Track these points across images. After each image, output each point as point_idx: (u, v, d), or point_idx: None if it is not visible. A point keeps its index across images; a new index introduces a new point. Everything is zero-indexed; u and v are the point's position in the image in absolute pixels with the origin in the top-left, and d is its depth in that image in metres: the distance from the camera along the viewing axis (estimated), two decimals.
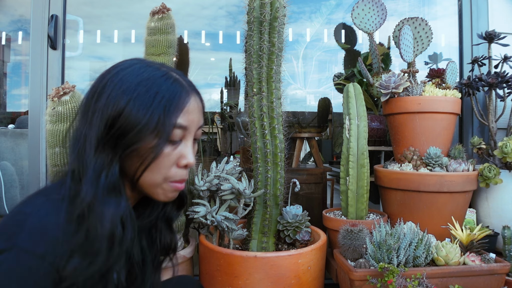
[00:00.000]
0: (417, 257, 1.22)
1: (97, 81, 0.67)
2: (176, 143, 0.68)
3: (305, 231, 1.42)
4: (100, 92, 0.65)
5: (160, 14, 1.43)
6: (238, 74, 3.10)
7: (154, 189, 0.69)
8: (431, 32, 1.86)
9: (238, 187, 1.34)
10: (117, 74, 0.66)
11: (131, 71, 0.66)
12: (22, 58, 2.75)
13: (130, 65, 0.68)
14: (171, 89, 0.66)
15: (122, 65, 0.69)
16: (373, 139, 2.02)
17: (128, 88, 0.64)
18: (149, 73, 0.67)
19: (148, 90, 0.64)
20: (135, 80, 0.65)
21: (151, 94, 0.64)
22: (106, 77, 0.66)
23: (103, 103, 0.64)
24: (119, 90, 0.64)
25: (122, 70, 0.67)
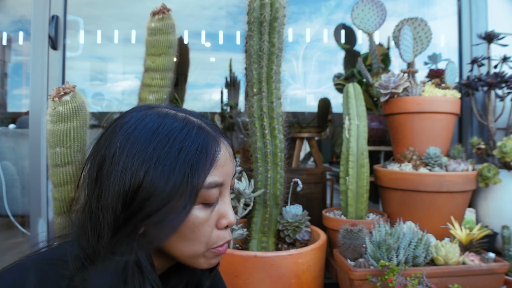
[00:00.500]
0: (416, 256, 1.22)
1: (102, 145, 0.55)
2: (214, 204, 0.57)
3: (305, 231, 1.43)
4: (110, 163, 0.52)
5: (160, 15, 1.44)
6: (238, 74, 3.10)
7: (196, 259, 0.58)
8: (431, 32, 1.87)
9: (238, 187, 1.34)
10: (127, 136, 0.53)
11: (143, 129, 0.53)
12: (23, 58, 2.75)
13: (139, 119, 0.55)
14: (196, 143, 0.54)
15: (129, 121, 0.55)
16: (372, 139, 2.02)
17: (143, 153, 0.51)
18: (167, 127, 0.54)
19: (169, 151, 0.52)
20: (152, 140, 0.52)
21: (173, 155, 0.52)
22: (114, 141, 0.54)
23: (117, 178, 0.51)
24: (133, 159, 0.51)
25: (132, 130, 0.54)
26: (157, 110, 0.57)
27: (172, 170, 0.51)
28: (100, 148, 0.55)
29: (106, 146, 0.54)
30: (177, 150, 0.52)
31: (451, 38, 2.12)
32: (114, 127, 0.56)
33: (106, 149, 0.54)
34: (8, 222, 2.04)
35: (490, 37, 1.76)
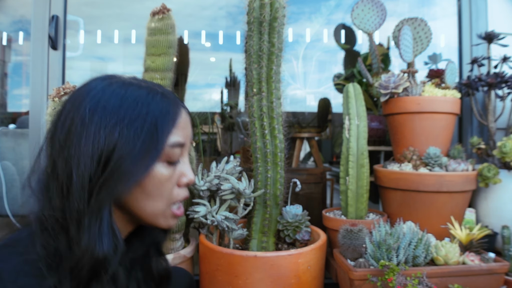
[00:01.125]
0: (416, 256, 1.22)
1: (70, 110, 0.58)
2: (176, 163, 0.63)
3: (305, 231, 1.42)
4: (81, 125, 0.55)
5: (160, 15, 1.44)
6: (238, 74, 3.10)
7: (157, 218, 0.63)
8: (431, 32, 1.87)
9: (238, 187, 1.35)
10: (97, 101, 0.57)
11: (112, 94, 0.58)
12: (23, 58, 2.75)
13: (106, 86, 0.59)
14: (161, 106, 0.60)
15: (96, 87, 0.59)
16: (372, 139, 2.02)
17: (116, 116, 0.56)
18: (133, 93, 0.59)
19: (139, 114, 0.57)
20: (121, 104, 0.57)
21: (142, 117, 0.57)
22: (83, 105, 0.57)
23: (90, 138, 0.54)
24: (106, 121, 0.55)
25: (100, 94, 0.58)
26: (122, 79, 0.62)
27: (142, 129, 0.57)
28: (67, 112, 0.58)
29: (74, 110, 0.57)
30: (145, 112, 0.58)
31: (451, 38, 2.12)
32: (81, 93, 0.59)
33: (74, 112, 0.57)
34: (8, 222, 2.04)
35: (490, 37, 1.76)
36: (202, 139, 2.55)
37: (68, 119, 0.57)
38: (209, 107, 3.17)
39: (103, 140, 0.55)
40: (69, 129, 0.56)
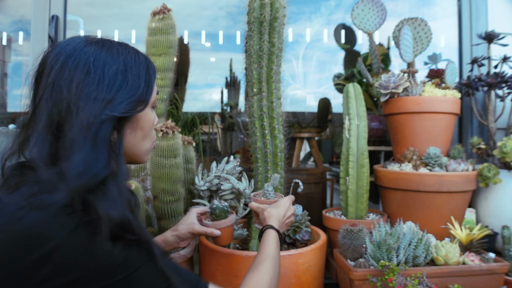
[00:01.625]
0: (416, 256, 1.22)
1: (71, 67, 0.63)
2: (153, 109, 0.75)
3: (305, 231, 1.42)
4: (87, 75, 0.62)
5: (161, 15, 1.44)
6: (239, 74, 3.10)
7: (146, 155, 0.74)
8: (431, 32, 1.87)
9: (238, 187, 1.34)
10: (97, 54, 0.65)
11: (108, 49, 0.67)
12: (23, 58, 2.75)
13: (97, 48, 0.66)
14: (146, 58, 0.71)
15: (85, 46, 0.66)
16: (373, 139, 2.02)
17: (119, 64, 0.66)
18: (121, 47, 0.69)
19: (138, 62, 0.69)
20: (119, 54, 0.67)
21: (142, 65, 0.69)
22: (82, 60, 0.63)
23: (104, 86, 0.62)
24: (114, 66, 0.65)
25: (99, 50, 0.66)
26: (97, 38, 0.69)
27: (142, 76, 0.68)
28: (66, 69, 0.62)
29: (83, 62, 0.63)
30: (143, 61, 0.70)
31: (451, 38, 2.12)
32: (69, 52, 0.64)
33: (84, 63, 0.63)
34: None
35: (490, 37, 1.76)
36: (202, 139, 2.55)
37: (73, 72, 0.62)
38: (209, 107, 3.17)
39: (113, 85, 0.63)
40: (71, 80, 0.61)
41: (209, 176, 1.38)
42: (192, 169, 1.50)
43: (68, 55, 0.63)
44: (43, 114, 0.61)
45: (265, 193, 1.19)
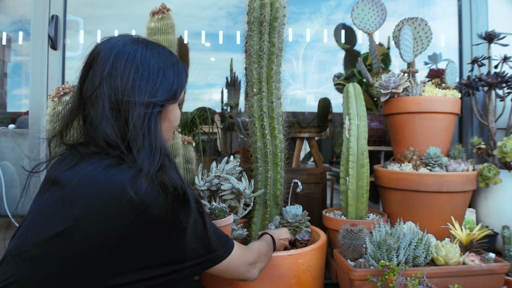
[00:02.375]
0: (416, 256, 1.22)
1: (123, 61, 0.75)
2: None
3: (305, 231, 1.42)
4: (138, 71, 0.76)
5: (160, 14, 1.43)
6: (239, 74, 3.10)
7: (167, 143, 0.83)
8: (431, 32, 1.87)
9: (238, 187, 1.34)
10: (143, 54, 0.78)
11: (151, 49, 0.80)
12: (23, 58, 2.75)
13: (143, 47, 0.80)
14: (178, 61, 0.86)
15: (136, 48, 0.79)
16: (373, 139, 2.02)
17: (162, 62, 0.80)
18: (163, 49, 0.84)
19: (175, 63, 0.84)
20: (160, 55, 0.81)
21: (178, 65, 0.84)
22: (133, 59, 0.76)
23: (153, 79, 0.77)
24: (156, 64, 0.78)
25: (144, 51, 0.79)
26: (141, 38, 0.83)
27: (177, 74, 0.83)
28: (119, 62, 0.75)
29: (128, 61, 0.76)
30: (177, 62, 0.85)
31: (452, 38, 2.12)
32: (120, 48, 0.77)
33: (130, 62, 0.76)
34: (7, 222, 2.03)
35: (491, 37, 1.76)
36: (202, 139, 2.55)
37: (127, 69, 0.75)
38: (209, 107, 3.16)
39: (159, 81, 0.78)
40: (128, 78, 0.75)
41: (209, 176, 1.38)
42: (192, 169, 1.50)
43: (119, 51, 0.76)
44: (104, 99, 0.73)
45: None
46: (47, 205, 0.72)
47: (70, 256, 0.66)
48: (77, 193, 0.68)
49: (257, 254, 0.99)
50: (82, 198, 0.68)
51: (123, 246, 0.68)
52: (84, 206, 0.67)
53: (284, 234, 1.31)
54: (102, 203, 0.67)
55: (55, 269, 0.66)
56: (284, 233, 1.32)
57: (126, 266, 0.70)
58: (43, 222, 0.69)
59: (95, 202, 0.67)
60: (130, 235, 0.68)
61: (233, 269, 0.89)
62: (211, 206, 1.22)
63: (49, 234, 0.67)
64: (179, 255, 0.76)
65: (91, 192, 0.68)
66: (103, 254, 0.67)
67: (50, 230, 0.67)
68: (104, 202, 0.67)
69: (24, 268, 0.66)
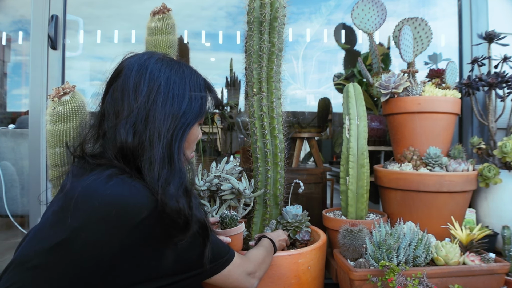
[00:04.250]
0: (416, 257, 1.22)
1: (152, 76, 0.78)
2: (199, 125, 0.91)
3: (305, 231, 1.42)
4: (158, 92, 0.78)
5: (160, 14, 1.43)
6: (239, 74, 3.10)
7: (185, 163, 0.85)
8: (431, 32, 1.87)
9: (238, 187, 1.34)
10: (169, 75, 0.81)
11: (178, 70, 0.83)
12: (23, 58, 2.75)
13: (169, 66, 0.83)
14: (204, 82, 0.88)
15: (161, 64, 0.82)
16: (373, 139, 2.02)
17: (187, 84, 0.82)
18: (189, 70, 0.85)
19: (197, 83, 0.85)
20: (185, 77, 0.83)
21: (201, 88, 0.86)
22: (158, 76, 0.79)
23: (174, 101, 0.79)
24: (183, 87, 0.82)
25: (169, 70, 0.81)
26: (167, 58, 0.86)
27: (199, 98, 0.84)
28: (141, 82, 0.78)
29: (153, 81, 0.79)
30: (202, 83, 0.87)
31: (452, 38, 2.12)
32: (143, 66, 0.80)
33: (152, 82, 0.78)
34: (7, 222, 2.03)
35: (491, 37, 1.76)
36: (202, 139, 2.55)
37: (147, 87, 0.78)
38: None
39: (181, 103, 0.80)
40: (148, 96, 0.77)
41: (209, 176, 1.38)
42: (192, 169, 1.49)
43: (143, 68, 0.79)
44: (126, 113, 0.76)
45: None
46: (54, 214, 0.73)
47: (68, 267, 0.66)
48: (77, 203, 0.69)
49: (256, 263, 1.00)
50: (81, 209, 0.68)
51: (120, 259, 0.68)
52: (83, 217, 0.68)
53: (281, 235, 1.32)
54: (99, 214, 0.67)
55: (54, 279, 0.66)
56: (282, 234, 1.33)
57: (122, 280, 0.70)
58: (48, 231, 0.70)
59: (92, 213, 0.68)
60: (127, 248, 0.69)
61: (233, 279, 0.91)
62: (221, 214, 1.21)
63: (51, 243, 0.67)
64: (177, 268, 0.78)
65: (89, 202, 0.68)
66: (99, 266, 0.67)
67: (51, 239, 0.67)
68: (101, 214, 0.67)
69: (26, 276, 0.67)
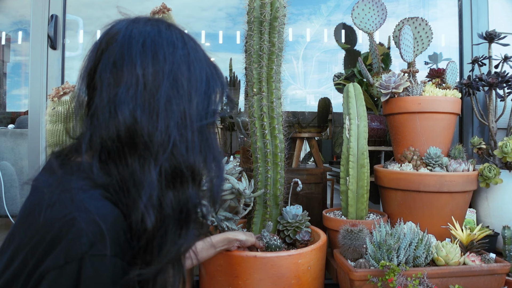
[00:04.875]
0: (417, 257, 1.22)
1: (163, 57, 0.59)
2: None
3: (305, 231, 1.42)
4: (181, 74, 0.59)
5: (160, 14, 1.43)
6: (238, 74, 3.10)
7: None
8: (431, 32, 1.86)
9: (238, 187, 1.34)
10: (193, 49, 0.64)
11: (194, 52, 0.64)
12: (22, 58, 2.75)
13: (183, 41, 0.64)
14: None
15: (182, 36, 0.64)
16: (373, 139, 2.02)
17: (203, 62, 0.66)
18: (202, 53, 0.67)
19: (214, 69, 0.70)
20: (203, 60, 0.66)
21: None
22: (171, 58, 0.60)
23: (199, 82, 0.61)
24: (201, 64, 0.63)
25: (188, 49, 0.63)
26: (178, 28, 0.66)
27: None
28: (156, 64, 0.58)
29: (169, 57, 0.59)
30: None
31: (452, 38, 2.12)
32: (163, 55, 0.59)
33: (172, 59, 0.59)
34: (6, 222, 2.03)
35: (491, 37, 1.76)
36: None
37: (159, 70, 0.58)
38: None
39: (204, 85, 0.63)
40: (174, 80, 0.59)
41: None
42: None
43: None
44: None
45: (262, 237, 1.31)
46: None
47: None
48: (22, 215, 0.55)
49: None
50: (27, 222, 0.53)
51: None
52: (23, 234, 0.52)
53: (240, 235, 1.21)
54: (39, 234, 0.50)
55: None
56: (241, 234, 1.23)
57: None
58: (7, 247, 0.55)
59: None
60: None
61: None
62: (268, 241, 1.26)
63: (2, 265, 0.53)
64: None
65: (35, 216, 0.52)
66: None
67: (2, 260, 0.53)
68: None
69: None
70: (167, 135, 0.56)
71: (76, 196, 0.51)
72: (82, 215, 0.49)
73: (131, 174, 0.55)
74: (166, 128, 0.56)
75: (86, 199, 0.52)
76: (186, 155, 0.58)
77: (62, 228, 0.49)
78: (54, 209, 0.51)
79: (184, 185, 0.59)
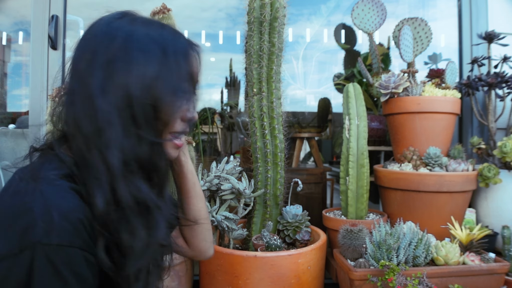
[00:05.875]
0: (416, 256, 1.22)
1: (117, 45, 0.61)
2: None
3: (305, 231, 1.42)
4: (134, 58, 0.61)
5: (160, 14, 1.43)
6: (238, 74, 3.10)
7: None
8: (431, 32, 1.87)
9: (238, 187, 1.34)
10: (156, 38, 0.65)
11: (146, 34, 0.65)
12: (23, 58, 2.75)
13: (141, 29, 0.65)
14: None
15: (135, 30, 0.64)
16: (373, 139, 2.02)
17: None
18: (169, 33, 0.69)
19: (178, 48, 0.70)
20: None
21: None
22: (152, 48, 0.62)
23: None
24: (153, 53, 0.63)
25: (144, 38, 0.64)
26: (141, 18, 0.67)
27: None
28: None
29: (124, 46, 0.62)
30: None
31: (451, 38, 2.12)
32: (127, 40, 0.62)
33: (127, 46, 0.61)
34: None
35: (491, 37, 1.76)
36: (202, 139, 2.55)
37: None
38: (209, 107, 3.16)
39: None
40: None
41: (209, 176, 1.38)
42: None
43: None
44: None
45: (262, 236, 1.33)
46: None
47: None
48: None
49: None
50: None
51: None
52: None
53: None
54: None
55: None
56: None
57: None
58: None
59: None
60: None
61: None
62: (268, 241, 1.28)
63: None
64: None
65: None
66: None
67: None
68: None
69: None
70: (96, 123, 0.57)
71: (40, 186, 0.52)
72: (39, 205, 0.50)
73: (82, 159, 0.56)
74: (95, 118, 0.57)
75: (48, 189, 0.52)
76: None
77: (18, 215, 0.50)
78: (16, 196, 0.52)
79: (132, 175, 0.58)
